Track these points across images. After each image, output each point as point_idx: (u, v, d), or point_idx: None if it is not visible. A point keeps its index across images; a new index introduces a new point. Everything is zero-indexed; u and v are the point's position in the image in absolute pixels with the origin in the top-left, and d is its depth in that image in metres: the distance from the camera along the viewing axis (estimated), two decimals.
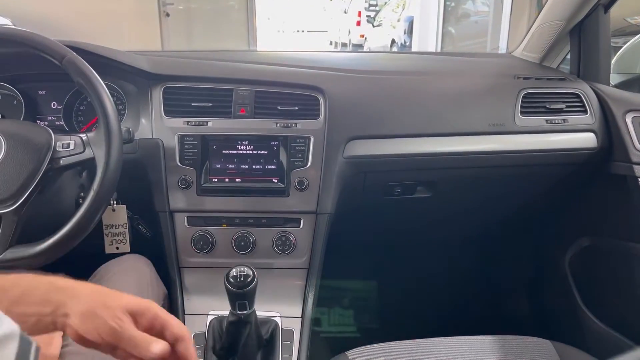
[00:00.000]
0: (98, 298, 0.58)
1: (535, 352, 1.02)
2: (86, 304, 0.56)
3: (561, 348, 1.03)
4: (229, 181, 1.09)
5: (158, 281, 1.04)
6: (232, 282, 0.89)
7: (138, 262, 1.03)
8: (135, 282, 0.96)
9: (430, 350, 1.03)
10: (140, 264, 1.03)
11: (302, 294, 1.12)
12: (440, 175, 1.17)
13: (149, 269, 1.02)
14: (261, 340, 1.02)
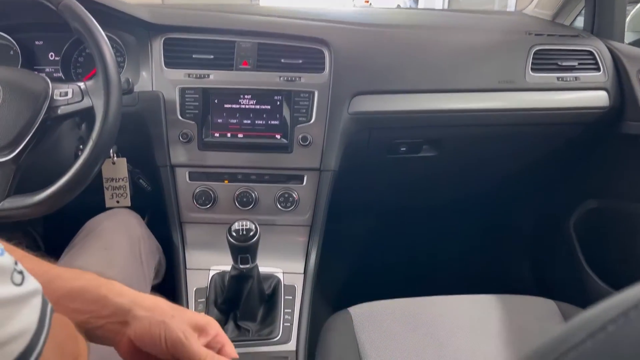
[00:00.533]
0: (165, 308, 0.57)
1: (538, 311, 1.01)
2: (152, 313, 0.55)
3: (565, 307, 1.02)
4: (230, 136, 1.06)
5: (150, 235, 1.03)
6: (234, 236, 0.88)
7: (128, 216, 1.01)
8: (125, 236, 0.94)
9: (432, 308, 1.02)
10: (130, 217, 1.01)
11: (305, 250, 1.12)
12: (447, 133, 1.15)
13: (139, 223, 1.01)
14: (263, 295, 1.02)
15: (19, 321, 0.37)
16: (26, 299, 0.38)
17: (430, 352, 0.94)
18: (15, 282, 0.37)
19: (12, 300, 0.36)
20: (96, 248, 0.89)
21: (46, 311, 0.41)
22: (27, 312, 0.38)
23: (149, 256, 0.97)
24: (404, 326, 0.98)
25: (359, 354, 0.93)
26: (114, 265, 0.87)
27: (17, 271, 0.38)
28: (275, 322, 0.99)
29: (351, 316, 1.00)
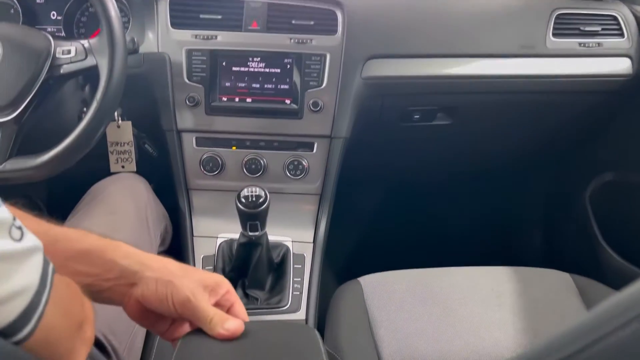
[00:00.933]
0: (173, 269, 0.55)
1: (553, 283, 0.99)
2: (160, 273, 0.53)
3: (580, 280, 1.00)
4: (239, 101, 1.03)
5: (156, 201, 1.01)
6: (243, 202, 0.85)
7: (134, 181, 0.99)
8: (132, 201, 0.92)
9: (443, 278, 1.00)
10: (137, 182, 0.99)
11: (314, 219, 1.09)
12: (462, 101, 1.11)
13: (145, 188, 0.98)
14: (272, 264, 1.00)
15: (19, 278, 0.35)
16: (26, 256, 0.37)
17: (442, 321, 0.92)
18: (14, 237, 0.35)
19: (10, 256, 0.35)
20: (101, 212, 0.86)
21: (48, 270, 0.40)
22: (27, 270, 0.37)
23: (156, 222, 0.95)
24: (415, 296, 0.96)
25: (369, 323, 0.91)
26: (120, 230, 0.84)
27: (16, 226, 0.36)
28: (284, 291, 0.97)
29: (361, 286, 0.98)
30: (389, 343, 0.88)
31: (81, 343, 0.47)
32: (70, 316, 0.45)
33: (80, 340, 0.46)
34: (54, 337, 0.42)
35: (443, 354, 0.87)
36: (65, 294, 0.44)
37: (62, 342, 0.43)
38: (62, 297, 0.43)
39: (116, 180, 0.96)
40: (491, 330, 0.91)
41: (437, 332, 0.90)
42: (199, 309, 0.52)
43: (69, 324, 0.44)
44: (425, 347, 0.88)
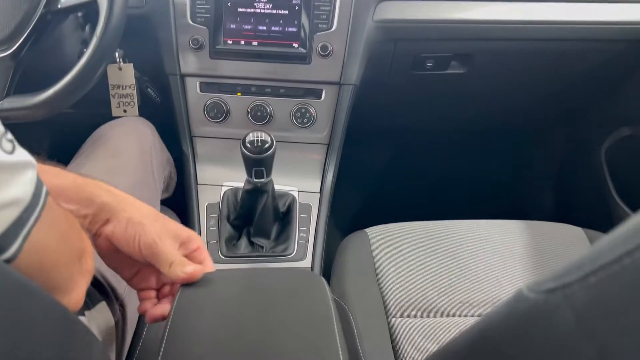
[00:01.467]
0: (148, 213, 0.55)
1: (564, 237, 0.97)
2: (134, 215, 0.53)
3: (592, 235, 0.97)
4: (244, 44, 0.98)
5: (162, 146, 0.98)
6: (248, 148, 0.83)
7: (140, 125, 0.96)
8: (137, 144, 0.89)
9: (452, 230, 0.98)
10: (143, 126, 0.96)
11: (321, 169, 1.07)
12: (478, 48, 1.06)
13: (151, 132, 0.96)
14: (278, 212, 0.98)
15: (8, 191, 0.34)
16: (17, 170, 0.35)
17: (450, 273, 0.90)
18: (5, 149, 0.34)
19: (1, 167, 0.33)
20: (103, 156, 0.84)
21: (41, 189, 0.38)
22: (18, 184, 0.35)
23: (160, 167, 0.93)
24: (423, 247, 0.95)
25: (375, 273, 0.90)
26: (121, 173, 0.82)
27: (7, 139, 0.34)
28: (289, 240, 0.96)
29: (368, 236, 0.96)
30: (395, 292, 0.86)
31: (80, 273, 0.45)
32: (68, 242, 0.43)
33: (79, 270, 0.45)
34: (49, 262, 0.40)
35: (450, 305, 0.86)
36: (62, 219, 0.43)
37: (60, 269, 0.42)
38: (57, 220, 0.41)
39: (121, 123, 0.93)
40: (501, 283, 0.89)
41: (444, 284, 0.88)
42: (162, 252, 0.52)
43: (66, 251, 0.43)
44: (433, 298, 0.86)
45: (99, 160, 0.83)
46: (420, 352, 0.78)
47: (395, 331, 0.82)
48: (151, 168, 0.89)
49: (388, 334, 0.82)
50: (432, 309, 0.85)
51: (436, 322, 0.83)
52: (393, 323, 0.83)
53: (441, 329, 0.82)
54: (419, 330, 0.82)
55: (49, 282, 0.40)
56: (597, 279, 0.22)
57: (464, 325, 0.85)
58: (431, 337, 0.81)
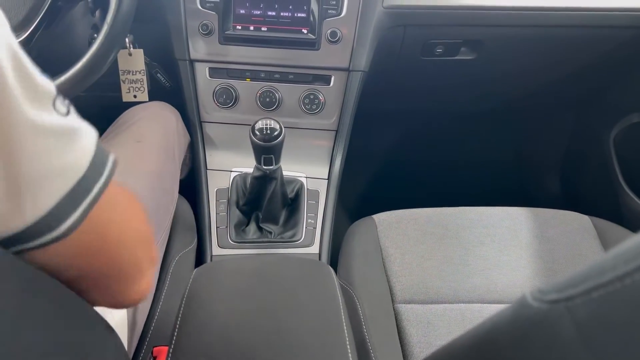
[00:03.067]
0: None
1: (572, 225, 0.97)
2: None
3: (599, 223, 0.98)
4: (254, 29, 0.98)
5: (184, 131, 1.00)
6: (257, 135, 0.83)
7: (164, 109, 0.97)
8: (161, 128, 0.91)
9: (459, 217, 0.99)
10: (167, 111, 0.97)
11: (330, 156, 1.07)
12: (488, 34, 1.05)
13: (175, 117, 0.97)
14: (286, 198, 0.99)
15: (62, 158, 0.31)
16: (71, 135, 0.32)
17: (456, 259, 0.91)
18: (59, 111, 0.31)
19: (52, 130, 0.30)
20: (128, 140, 0.85)
21: (106, 160, 0.36)
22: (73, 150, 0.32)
23: (180, 153, 0.94)
24: (429, 234, 0.95)
25: (382, 259, 0.91)
26: (145, 158, 0.83)
27: (62, 102, 0.32)
28: (298, 226, 0.97)
29: (375, 223, 0.97)
30: (402, 278, 0.88)
31: (149, 260, 0.42)
32: (133, 222, 0.40)
33: (147, 257, 0.42)
34: (113, 240, 0.36)
35: (456, 292, 0.87)
36: (127, 196, 0.40)
37: (125, 250, 0.38)
38: (122, 196, 0.38)
39: (145, 108, 0.95)
40: (506, 270, 0.90)
41: (450, 270, 0.89)
42: None
43: (131, 231, 0.39)
44: (438, 284, 0.88)
45: (123, 145, 0.84)
46: (426, 337, 0.80)
47: (401, 317, 0.83)
48: (173, 154, 0.90)
49: (394, 319, 0.83)
50: (438, 296, 0.86)
51: (441, 309, 0.85)
52: (399, 309, 0.84)
53: (446, 315, 0.84)
54: (424, 316, 0.83)
55: (113, 264, 0.37)
56: (599, 295, 0.23)
57: (469, 311, 0.87)
58: (436, 323, 0.83)
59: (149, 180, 0.81)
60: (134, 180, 0.78)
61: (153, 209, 0.79)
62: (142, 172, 0.80)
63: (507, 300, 0.87)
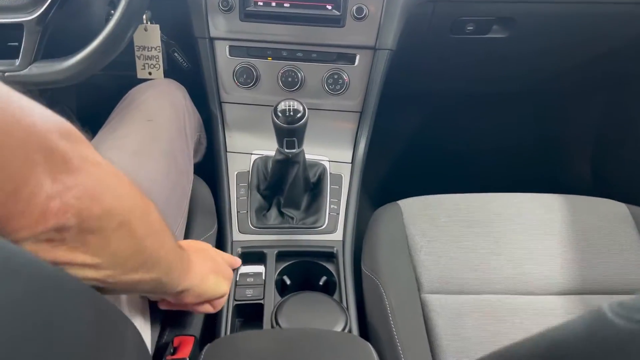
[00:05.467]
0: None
1: (607, 213, 0.93)
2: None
3: (636, 210, 0.93)
4: (275, 5, 0.94)
5: (194, 108, 0.96)
6: (280, 117, 0.79)
7: (171, 87, 0.93)
8: (170, 106, 0.87)
9: (488, 204, 0.95)
10: (174, 88, 0.93)
11: (353, 138, 1.03)
12: (522, 10, 0.99)
13: (183, 95, 0.93)
14: (308, 183, 0.96)
15: None
16: None
17: (485, 248, 0.88)
18: None
19: None
20: (138, 119, 0.82)
21: None
22: None
23: (192, 131, 0.91)
24: (457, 222, 0.92)
25: (408, 247, 0.88)
26: (158, 138, 0.80)
27: None
28: (320, 211, 0.94)
29: (401, 209, 0.94)
30: (428, 268, 0.84)
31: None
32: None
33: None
34: None
35: (485, 282, 0.84)
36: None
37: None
38: None
39: (152, 86, 0.91)
40: (539, 260, 0.86)
41: (480, 260, 0.86)
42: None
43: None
44: (467, 275, 0.84)
45: (134, 125, 0.81)
46: (454, 329, 0.77)
47: (428, 308, 0.80)
48: (185, 132, 0.87)
49: (420, 310, 0.80)
50: (466, 286, 0.83)
51: (471, 300, 0.81)
52: (426, 299, 0.81)
53: (476, 307, 0.81)
54: (453, 308, 0.80)
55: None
56: None
57: (499, 303, 0.83)
58: (465, 315, 0.79)
59: (164, 161, 0.78)
60: (150, 161, 0.75)
61: (170, 190, 0.77)
62: (157, 152, 0.78)
63: (539, 292, 0.83)
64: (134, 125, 0.80)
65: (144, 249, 0.44)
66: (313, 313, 0.69)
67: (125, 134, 0.78)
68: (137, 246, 0.42)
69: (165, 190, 0.74)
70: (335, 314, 0.69)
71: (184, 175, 0.83)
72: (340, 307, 0.70)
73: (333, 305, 0.71)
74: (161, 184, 0.74)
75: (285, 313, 0.69)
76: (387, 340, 0.73)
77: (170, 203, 0.74)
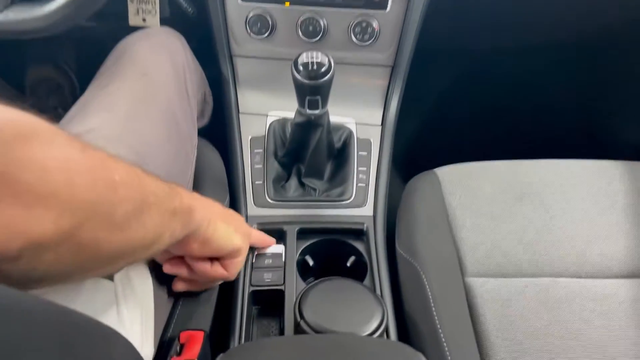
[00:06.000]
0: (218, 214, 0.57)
1: None
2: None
3: None
4: None
5: (195, 62, 0.83)
6: (301, 72, 0.67)
7: (169, 36, 0.80)
8: (168, 60, 0.74)
9: (537, 172, 0.84)
10: (172, 38, 0.80)
11: (383, 97, 0.90)
12: None
13: (182, 45, 0.80)
14: (332, 149, 0.84)
15: None
16: None
17: (539, 223, 0.77)
18: None
19: None
20: (132, 74, 0.70)
21: None
22: None
23: (194, 89, 0.79)
24: (503, 192, 0.81)
25: (448, 223, 0.77)
26: (156, 96, 0.68)
27: None
28: (346, 182, 0.82)
29: (438, 178, 0.83)
30: (472, 247, 0.74)
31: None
32: None
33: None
34: None
35: (539, 263, 0.73)
36: None
37: None
38: None
39: (146, 35, 0.78)
40: (601, 237, 0.75)
41: (532, 237, 0.76)
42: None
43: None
44: (517, 254, 0.73)
45: (128, 80, 0.69)
46: (504, 318, 0.67)
47: (472, 293, 0.70)
48: (186, 89, 0.75)
49: (464, 296, 0.70)
50: (516, 268, 0.72)
51: (522, 284, 0.71)
52: (470, 284, 0.71)
53: (528, 292, 0.70)
54: (501, 293, 0.70)
55: None
56: None
57: (555, 287, 0.72)
58: (516, 301, 0.69)
59: (164, 124, 0.66)
60: (147, 124, 0.64)
61: (172, 159, 0.65)
62: (155, 113, 0.66)
63: (603, 274, 0.72)
64: (127, 81, 0.68)
65: (116, 248, 0.37)
66: (343, 304, 0.58)
67: (116, 91, 0.66)
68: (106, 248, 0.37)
69: (166, 158, 0.63)
70: (369, 305, 0.58)
71: (187, 139, 0.72)
72: (374, 296, 0.60)
73: (366, 295, 0.60)
74: (161, 152, 0.63)
75: (310, 304, 0.58)
76: (430, 336, 0.63)
77: (172, 174, 0.63)
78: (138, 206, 0.39)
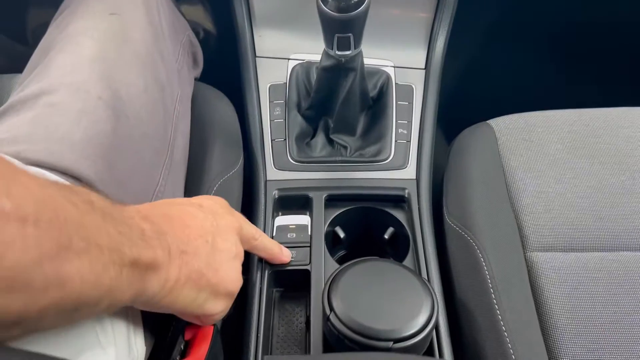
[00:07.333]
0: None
1: None
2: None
3: None
4: None
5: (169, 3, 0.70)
6: (329, 3, 0.56)
7: None
8: None
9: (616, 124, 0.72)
10: None
11: (428, 34, 0.76)
12: None
13: None
14: (367, 99, 0.72)
15: None
16: None
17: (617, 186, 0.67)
18: None
19: None
20: (98, 10, 0.58)
21: None
22: None
23: (172, 29, 0.66)
24: (574, 148, 0.70)
25: (506, 187, 0.66)
26: (128, 38, 0.57)
27: None
28: (384, 138, 0.70)
29: (494, 131, 0.72)
30: (536, 216, 0.64)
31: None
32: None
33: None
34: None
35: (617, 234, 0.63)
36: None
37: None
38: None
39: None
40: None
41: (608, 203, 0.65)
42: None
43: None
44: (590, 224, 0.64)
45: (92, 19, 0.58)
46: (574, 300, 0.59)
47: (536, 271, 0.61)
48: (161, 31, 0.63)
49: (526, 273, 0.59)
50: (590, 240, 0.62)
51: (596, 258, 0.60)
52: (533, 259, 0.62)
53: (603, 269, 0.61)
54: (571, 270, 0.61)
55: None
56: None
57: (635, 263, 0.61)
58: (586, 279, 0.60)
59: (138, 70, 0.55)
60: (119, 71, 0.53)
61: (150, 107, 0.54)
62: (128, 58, 0.55)
63: None
64: (92, 19, 0.57)
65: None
66: (381, 293, 0.48)
67: (80, 30, 0.54)
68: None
69: (143, 113, 0.52)
70: (415, 294, 0.48)
71: (167, 91, 0.59)
72: (421, 282, 0.49)
73: (411, 280, 0.49)
74: (136, 103, 0.51)
75: (341, 292, 0.48)
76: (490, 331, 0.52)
77: (148, 133, 0.52)
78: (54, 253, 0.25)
